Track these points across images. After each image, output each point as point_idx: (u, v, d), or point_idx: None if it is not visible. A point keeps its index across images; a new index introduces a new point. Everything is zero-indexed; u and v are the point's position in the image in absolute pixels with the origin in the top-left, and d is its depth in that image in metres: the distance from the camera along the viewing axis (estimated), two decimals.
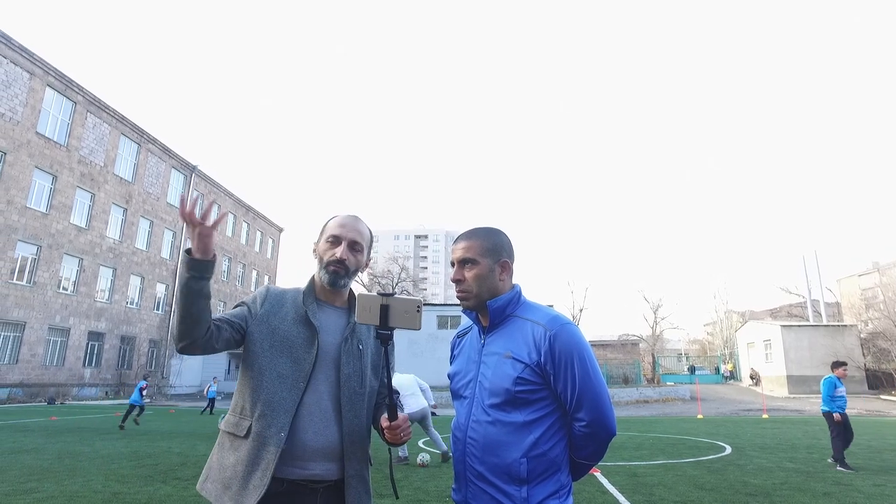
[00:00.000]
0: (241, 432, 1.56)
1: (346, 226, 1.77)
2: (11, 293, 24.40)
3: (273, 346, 1.63)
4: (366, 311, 1.49)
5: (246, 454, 1.52)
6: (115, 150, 30.92)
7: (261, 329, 1.65)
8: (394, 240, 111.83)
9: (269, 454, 1.51)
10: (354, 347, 1.72)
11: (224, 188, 42.18)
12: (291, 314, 1.68)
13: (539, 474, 1.48)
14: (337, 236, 1.75)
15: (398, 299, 1.47)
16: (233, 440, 1.57)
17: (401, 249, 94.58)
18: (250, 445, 1.52)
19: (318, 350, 1.64)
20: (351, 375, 1.68)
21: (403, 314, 1.47)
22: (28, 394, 24.91)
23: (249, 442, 1.53)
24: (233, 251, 43.54)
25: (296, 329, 1.66)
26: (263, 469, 1.49)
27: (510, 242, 1.71)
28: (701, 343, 62.91)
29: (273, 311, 1.67)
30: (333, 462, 1.59)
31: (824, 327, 33.59)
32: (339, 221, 1.79)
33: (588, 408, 1.50)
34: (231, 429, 1.60)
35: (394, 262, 58.82)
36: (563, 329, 1.53)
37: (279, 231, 52.99)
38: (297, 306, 1.70)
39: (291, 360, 1.61)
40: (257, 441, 1.52)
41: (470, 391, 1.61)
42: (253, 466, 1.50)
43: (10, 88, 24.29)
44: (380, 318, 1.48)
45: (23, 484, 6.21)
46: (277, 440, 1.52)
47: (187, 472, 7.17)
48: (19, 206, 24.67)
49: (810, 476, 7.19)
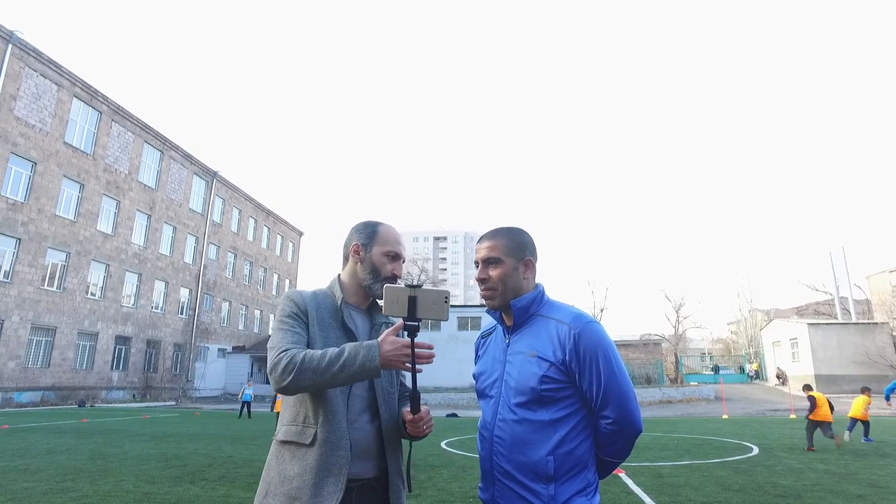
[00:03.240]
0: (306, 440, 1.53)
1: (401, 243, 1.81)
2: (43, 299, 25.10)
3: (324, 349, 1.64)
4: (393, 302, 1.50)
5: (314, 462, 1.49)
6: (138, 158, 31.61)
7: (314, 335, 1.63)
8: (413, 241, 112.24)
9: (340, 459, 1.51)
10: None
11: (244, 193, 42.79)
12: (329, 319, 1.68)
13: (566, 472, 1.49)
14: (398, 254, 1.78)
15: (426, 290, 1.48)
16: (296, 450, 1.53)
17: (420, 251, 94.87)
18: (318, 453, 1.50)
19: None
20: (382, 376, 1.69)
21: (431, 305, 1.47)
22: (59, 396, 25.59)
23: (316, 449, 1.51)
24: (254, 255, 44.14)
25: (335, 333, 1.67)
26: (336, 475, 1.49)
27: (533, 241, 1.72)
28: (724, 342, 61.79)
29: (315, 316, 1.66)
30: (369, 461, 1.60)
31: (854, 325, 32.73)
32: (396, 237, 1.81)
33: (614, 405, 1.50)
34: (293, 438, 1.55)
35: (413, 264, 59.06)
36: (588, 327, 1.54)
37: (299, 235, 53.58)
38: (332, 310, 1.70)
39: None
40: (325, 447, 1.51)
41: (496, 390, 1.62)
42: (325, 473, 1.49)
43: (40, 100, 25.01)
44: (407, 310, 1.49)
45: (59, 483, 6.39)
46: (345, 444, 1.53)
47: (214, 473, 7.30)
48: (49, 214, 25.38)
49: (843, 478, 7.03)
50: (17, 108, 23.84)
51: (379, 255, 1.75)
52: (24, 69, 24.16)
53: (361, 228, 1.81)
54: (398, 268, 1.77)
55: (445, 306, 1.49)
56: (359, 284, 1.77)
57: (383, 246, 1.76)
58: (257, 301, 44.80)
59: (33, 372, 24.69)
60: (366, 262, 1.76)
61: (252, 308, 44.08)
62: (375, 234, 1.78)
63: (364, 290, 1.77)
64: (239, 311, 42.25)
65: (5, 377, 23.23)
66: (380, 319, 1.79)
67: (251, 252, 43.80)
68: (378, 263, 1.75)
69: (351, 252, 1.79)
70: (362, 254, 1.77)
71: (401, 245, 1.80)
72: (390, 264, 1.75)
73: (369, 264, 1.75)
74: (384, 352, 1.47)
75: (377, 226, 1.80)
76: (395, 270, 1.76)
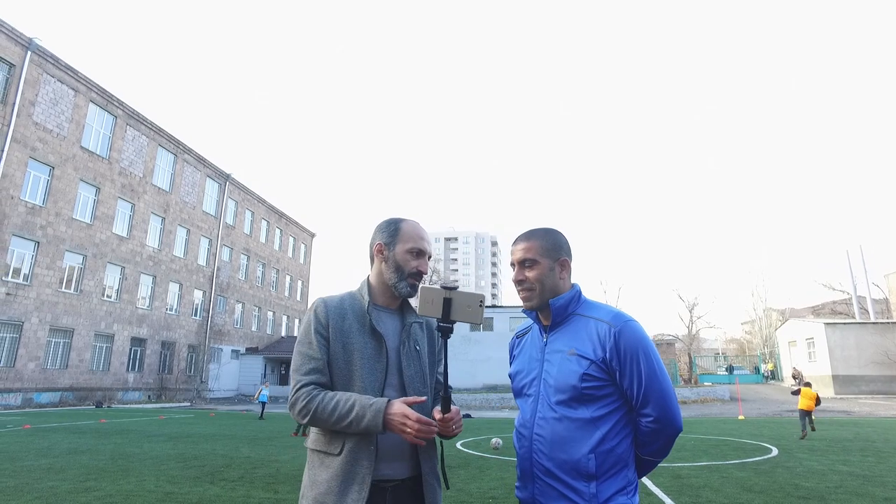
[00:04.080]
0: (334, 450, 1.56)
1: (426, 238, 1.78)
2: (61, 301, 25.47)
3: (348, 362, 1.63)
4: (428, 303, 1.51)
5: (340, 469, 1.53)
6: (153, 161, 31.98)
7: (335, 348, 1.63)
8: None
9: (363, 468, 1.54)
10: (412, 349, 1.73)
11: (257, 195, 43.12)
12: (356, 325, 1.66)
13: (607, 470, 1.49)
14: (422, 250, 1.75)
15: (461, 293, 1.49)
16: (324, 458, 1.58)
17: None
18: (343, 461, 1.54)
19: (386, 357, 1.67)
20: (413, 377, 1.70)
21: (466, 308, 1.48)
22: (77, 397, 25.95)
23: (342, 458, 1.54)
24: (266, 257, 44.45)
25: (363, 339, 1.65)
26: (360, 482, 1.52)
27: (568, 241, 1.73)
28: (739, 342, 61.17)
29: (338, 326, 1.64)
30: (403, 462, 1.62)
31: (872, 325, 32.21)
32: (420, 233, 1.78)
33: (655, 404, 1.51)
34: (323, 447, 1.59)
35: None
36: (627, 326, 1.55)
37: (311, 236, 53.87)
38: (360, 315, 1.68)
39: (367, 372, 1.62)
40: (350, 456, 1.54)
41: (534, 389, 1.63)
42: (349, 480, 1.52)
43: (58, 105, 25.41)
44: (442, 312, 1.49)
45: (82, 482, 6.48)
46: (369, 453, 1.55)
47: (233, 474, 7.36)
48: (66, 217, 25.75)
49: (868, 480, 6.92)
50: (36, 114, 24.24)
51: (402, 252, 1.72)
52: (42, 75, 24.56)
53: (384, 227, 1.78)
54: (423, 264, 1.75)
55: (480, 310, 1.49)
56: (385, 284, 1.75)
57: (406, 243, 1.73)
58: (270, 302, 45.10)
59: (52, 373, 25.06)
60: (390, 261, 1.73)
61: (265, 309, 44.38)
62: (398, 231, 1.75)
63: (390, 290, 1.75)
64: (252, 313, 42.55)
65: (25, 378, 23.60)
66: (410, 319, 1.77)
67: (264, 254, 44.11)
68: (402, 261, 1.72)
69: (375, 252, 1.77)
70: (386, 252, 1.74)
71: (425, 241, 1.76)
72: (414, 261, 1.73)
73: (393, 263, 1.73)
74: (388, 419, 1.49)
75: (399, 223, 1.77)
76: (419, 267, 1.73)
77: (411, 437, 1.49)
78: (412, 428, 1.48)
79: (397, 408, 1.50)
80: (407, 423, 1.48)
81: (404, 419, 1.48)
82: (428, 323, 1.83)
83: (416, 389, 1.68)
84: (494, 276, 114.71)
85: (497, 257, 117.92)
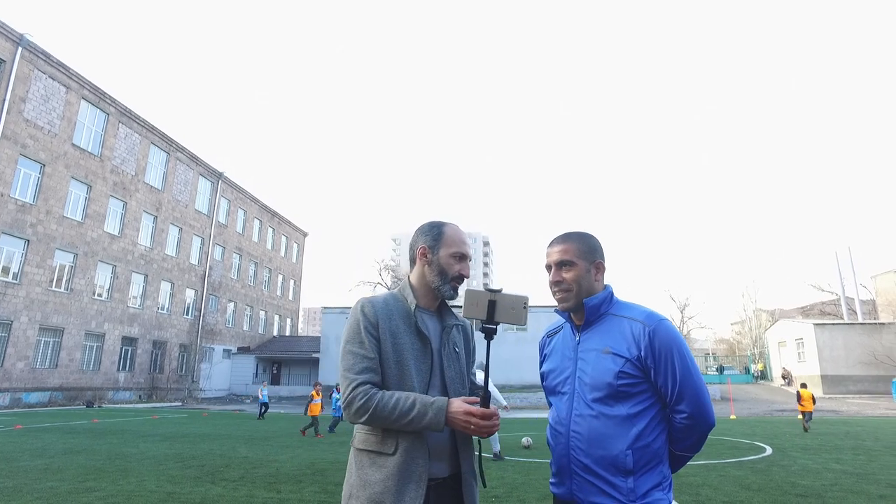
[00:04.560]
0: (388, 450, 1.58)
1: (467, 243, 1.82)
2: (51, 300, 25.19)
3: (398, 362, 1.65)
4: (473, 305, 1.55)
5: (396, 469, 1.55)
6: (145, 159, 31.71)
7: (385, 348, 1.65)
8: None
9: (419, 467, 1.56)
10: (451, 350, 1.77)
11: (250, 194, 42.89)
12: (402, 326, 1.69)
13: (643, 465, 1.53)
14: (465, 254, 1.78)
15: (505, 295, 1.52)
16: (376, 458, 1.59)
17: None
18: (399, 460, 1.55)
19: (431, 358, 1.70)
20: (454, 378, 1.73)
21: (510, 310, 1.52)
22: (67, 397, 25.68)
23: (398, 457, 1.56)
24: (259, 256, 44.22)
25: (410, 340, 1.68)
26: (417, 481, 1.55)
27: (601, 245, 1.77)
28: (728, 342, 61.70)
29: (387, 326, 1.67)
30: (444, 461, 1.65)
31: (861, 325, 32.66)
32: (462, 237, 1.81)
33: (689, 400, 1.55)
34: (375, 447, 1.60)
35: None
36: (661, 325, 1.59)
37: (304, 235, 53.65)
38: (405, 315, 1.71)
39: (415, 372, 1.65)
40: (406, 455, 1.56)
41: (569, 387, 1.67)
42: (406, 479, 1.54)
43: (49, 102, 25.12)
44: (486, 313, 1.52)
45: (82, 483, 6.44)
46: (424, 451, 1.58)
47: (233, 474, 7.34)
48: (57, 215, 25.48)
49: (862, 478, 7.04)
50: (27, 111, 23.96)
51: (446, 256, 1.76)
52: (33, 72, 24.27)
53: (427, 230, 1.81)
54: (465, 268, 1.78)
55: (524, 311, 1.52)
56: (428, 286, 1.78)
57: (450, 247, 1.77)
58: (262, 302, 44.88)
59: (41, 373, 24.78)
60: (433, 265, 1.77)
61: (257, 309, 44.16)
62: (441, 235, 1.79)
63: (433, 292, 1.78)
64: (244, 312, 42.32)
65: (14, 378, 23.32)
66: (450, 321, 1.81)
67: (256, 253, 43.89)
68: (445, 265, 1.76)
69: (418, 255, 1.80)
70: (429, 256, 1.78)
71: (466, 245, 1.81)
72: (457, 265, 1.76)
73: (437, 266, 1.76)
74: (450, 417, 1.53)
75: (443, 226, 1.81)
76: (462, 271, 1.77)
77: (475, 432, 1.53)
78: (476, 424, 1.51)
79: (458, 405, 1.54)
80: (471, 421, 1.51)
81: (468, 416, 1.52)
82: (463, 325, 1.87)
83: (456, 390, 1.71)
84: (486, 276, 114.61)
85: (489, 258, 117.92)
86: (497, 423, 1.56)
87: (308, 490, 6.26)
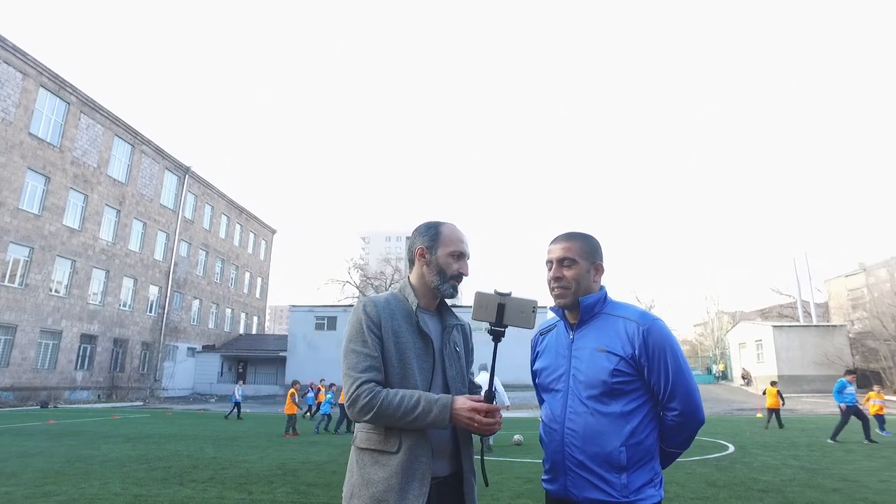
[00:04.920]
0: (391, 448, 1.57)
1: (465, 242, 1.81)
2: (3, 296, 24.09)
3: (401, 361, 1.65)
4: (482, 308, 1.56)
5: (399, 467, 1.54)
6: (108, 152, 30.64)
7: (388, 347, 1.65)
8: (385, 241, 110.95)
9: (422, 465, 1.57)
10: (452, 350, 1.78)
11: (218, 190, 41.92)
12: (404, 325, 1.69)
13: (636, 462, 1.57)
14: (463, 252, 1.78)
15: (514, 299, 1.54)
16: (379, 456, 1.58)
17: (392, 251, 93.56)
18: (402, 458, 1.55)
19: (433, 357, 1.70)
20: (455, 377, 1.74)
21: (519, 314, 1.53)
22: (19, 397, 24.59)
23: (401, 455, 1.56)
24: (226, 253, 43.26)
25: (412, 339, 1.68)
26: (420, 479, 1.55)
27: (602, 248, 1.81)
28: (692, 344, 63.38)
29: (389, 325, 1.66)
30: (445, 459, 1.66)
31: (815, 328, 34.07)
32: (460, 236, 1.81)
33: (681, 398, 1.60)
34: (377, 446, 1.59)
35: (386, 264, 58.23)
36: (655, 324, 1.64)
37: (272, 233, 52.75)
38: (406, 315, 1.71)
39: (418, 371, 1.65)
40: (410, 453, 1.56)
41: (563, 384, 1.70)
42: (410, 477, 1.54)
43: (3, 89, 23.99)
44: (495, 316, 1.54)
45: (39, 487, 6.18)
46: (427, 450, 1.59)
47: (202, 475, 7.17)
48: (11, 207, 24.37)
49: (816, 473, 7.35)
50: None
51: (444, 255, 1.76)
52: None
53: (424, 231, 1.81)
54: (464, 266, 1.78)
55: (532, 315, 1.54)
56: (427, 286, 1.78)
57: (448, 246, 1.77)
58: (229, 299, 43.94)
59: None
60: (432, 265, 1.77)
61: (223, 306, 43.20)
62: (439, 234, 1.79)
63: (432, 292, 1.78)
64: (210, 310, 41.35)
65: None
66: (450, 321, 1.82)
67: (223, 249, 42.92)
68: (444, 264, 1.76)
69: (417, 255, 1.80)
70: (428, 256, 1.78)
71: (464, 243, 1.81)
72: (456, 264, 1.77)
73: (436, 266, 1.76)
74: (455, 414, 1.53)
75: (440, 226, 1.81)
76: (461, 269, 1.77)
77: (477, 429, 1.54)
78: (479, 422, 1.52)
79: (463, 402, 1.54)
80: (475, 418, 1.52)
81: (472, 413, 1.52)
82: (462, 325, 1.88)
83: (457, 389, 1.73)
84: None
85: None
86: (500, 420, 1.57)
87: (280, 491, 6.17)
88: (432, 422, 1.53)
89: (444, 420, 1.53)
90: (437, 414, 1.53)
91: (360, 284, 54.55)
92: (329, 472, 7.62)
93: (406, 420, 1.53)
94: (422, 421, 1.53)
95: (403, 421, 1.54)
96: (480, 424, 1.53)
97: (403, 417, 1.53)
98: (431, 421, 1.53)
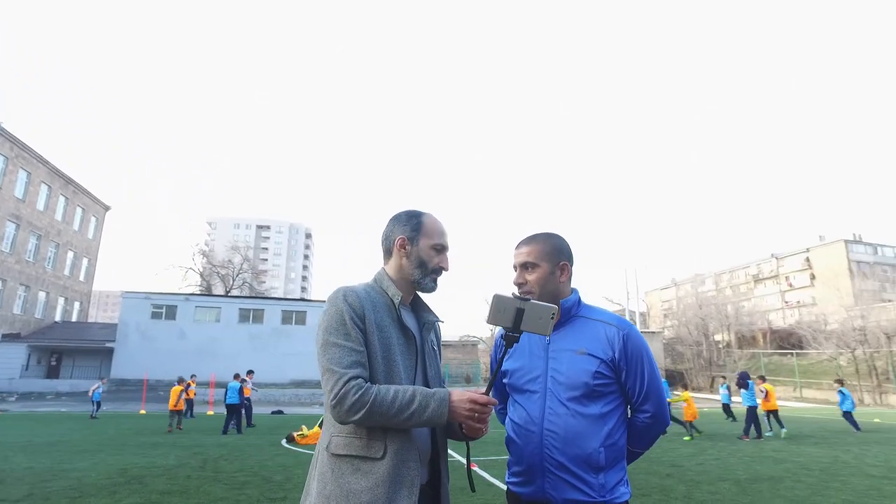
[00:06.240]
0: (376, 454, 1.42)
1: (446, 234, 1.72)
2: None
3: (386, 357, 1.52)
4: (500, 312, 1.49)
5: (386, 475, 1.40)
6: None
7: (373, 342, 1.51)
8: (234, 228, 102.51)
9: (411, 471, 1.44)
10: (431, 348, 1.69)
11: (37, 153, 35.52)
12: (387, 319, 1.57)
13: (612, 462, 1.62)
14: (444, 245, 1.69)
15: (534, 304, 1.48)
16: (361, 463, 1.42)
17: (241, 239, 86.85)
18: (389, 465, 1.41)
19: (416, 354, 1.59)
20: (434, 377, 1.65)
21: (537, 320, 1.47)
22: None
23: (387, 462, 1.42)
24: (44, 228, 36.81)
25: (395, 334, 1.56)
26: (409, 486, 1.42)
27: (569, 246, 1.82)
28: None
29: (373, 318, 1.53)
30: (424, 465, 1.54)
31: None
32: (442, 228, 1.71)
33: (653, 401, 1.70)
34: (359, 451, 1.43)
35: (235, 252, 54.19)
36: (633, 330, 1.72)
37: (105, 209, 46.15)
38: (387, 309, 1.59)
39: (403, 368, 1.54)
40: (397, 459, 1.43)
41: (539, 385, 1.69)
42: (397, 486, 1.40)
43: None
44: (513, 321, 1.48)
45: None
46: (415, 454, 1.45)
47: (14, 491, 5.96)
48: None
49: (653, 462, 8.42)
50: None
51: (426, 248, 1.66)
52: None
53: (405, 220, 1.69)
54: (445, 260, 1.69)
55: (551, 322, 1.48)
56: (406, 280, 1.66)
57: (430, 238, 1.67)
58: (43, 281, 37.51)
59: None
60: (412, 257, 1.65)
61: (35, 289, 36.74)
62: (421, 225, 1.68)
63: (411, 286, 1.67)
64: (17, 292, 34.87)
65: None
66: (428, 318, 1.71)
67: (41, 224, 36.50)
68: (426, 257, 1.65)
69: (396, 246, 1.67)
70: (409, 248, 1.66)
71: (446, 236, 1.72)
72: (437, 257, 1.67)
73: (416, 258, 1.65)
74: (453, 408, 1.44)
75: (421, 216, 1.70)
76: (441, 263, 1.68)
77: (473, 426, 1.45)
78: (480, 412, 1.43)
79: (461, 395, 1.44)
80: (475, 408, 1.42)
81: (472, 404, 1.43)
82: (435, 323, 1.77)
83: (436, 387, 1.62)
84: (306, 269, 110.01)
85: (310, 250, 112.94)
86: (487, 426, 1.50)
87: (127, 501, 5.38)
88: (429, 418, 1.41)
89: (442, 415, 1.42)
90: (434, 409, 1.41)
91: (205, 272, 50.26)
92: (182, 477, 6.84)
93: (400, 418, 1.40)
94: (418, 418, 1.41)
95: (397, 419, 1.40)
96: (480, 416, 1.44)
97: (398, 415, 1.40)
98: (428, 417, 1.41)
